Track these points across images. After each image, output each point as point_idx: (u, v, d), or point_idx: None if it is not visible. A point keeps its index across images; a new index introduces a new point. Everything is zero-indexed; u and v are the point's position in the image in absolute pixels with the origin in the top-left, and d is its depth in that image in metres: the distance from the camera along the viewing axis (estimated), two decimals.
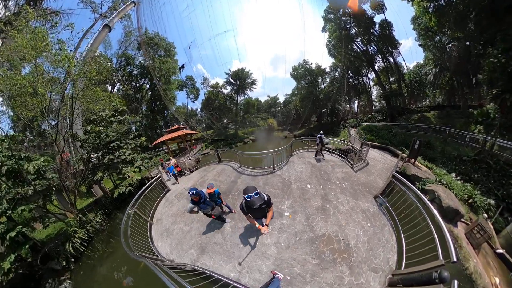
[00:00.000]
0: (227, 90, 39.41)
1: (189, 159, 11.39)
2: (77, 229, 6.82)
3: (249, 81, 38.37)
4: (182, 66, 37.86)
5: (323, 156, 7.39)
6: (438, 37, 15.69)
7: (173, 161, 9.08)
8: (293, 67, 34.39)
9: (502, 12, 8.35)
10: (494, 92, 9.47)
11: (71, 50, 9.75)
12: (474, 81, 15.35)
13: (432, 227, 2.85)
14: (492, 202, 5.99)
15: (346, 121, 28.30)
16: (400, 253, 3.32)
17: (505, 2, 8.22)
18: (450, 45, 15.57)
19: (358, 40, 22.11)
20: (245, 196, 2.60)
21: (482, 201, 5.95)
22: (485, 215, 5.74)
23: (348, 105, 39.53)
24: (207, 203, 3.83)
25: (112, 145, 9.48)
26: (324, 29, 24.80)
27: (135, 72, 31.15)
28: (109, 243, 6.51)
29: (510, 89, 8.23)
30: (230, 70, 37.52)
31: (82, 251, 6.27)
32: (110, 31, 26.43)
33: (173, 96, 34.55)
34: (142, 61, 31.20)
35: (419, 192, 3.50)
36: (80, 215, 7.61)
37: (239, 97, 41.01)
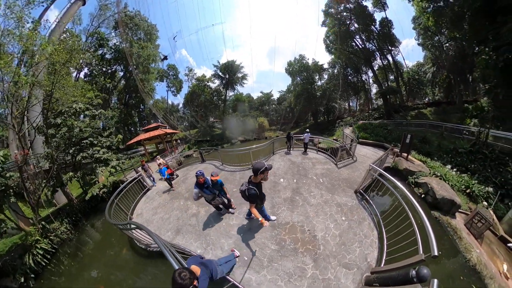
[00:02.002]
0: (214, 84, 38.25)
1: (170, 161, 11.55)
2: (39, 238, 6.48)
3: (240, 75, 37.91)
4: (165, 58, 36.26)
5: (289, 150, 8.54)
6: (437, 37, 17.59)
7: (161, 160, 8.67)
8: (288, 62, 35.12)
9: (494, 13, 9.55)
10: (487, 87, 10.99)
11: (32, 22, 9.26)
12: (469, 78, 17.52)
13: (412, 218, 2.90)
14: (491, 189, 6.55)
15: (342, 119, 29.51)
16: (382, 249, 3.36)
17: (497, 4, 9.43)
18: (447, 44, 17.69)
19: (357, 37, 23.40)
20: (266, 166, 2.61)
21: (481, 189, 6.46)
22: (485, 203, 6.15)
23: (346, 103, 40.98)
24: (210, 189, 4.06)
25: (85, 142, 9.06)
26: (323, 24, 25.77)
27: (108, 56, 27.66)
28: (76, 256, 6.28)
29: (501, 83, 9.58)
30: (219, 62, 36.81)
31: (44, 265, 5.88)
32: (84, 4, 23.99)
33: (152, 88, 32.15)
34: (117, 43, 27.96)
35: (397, 182, 3.63)
36: (43, 223, 7.25)
37: (228, 93, 39.91)
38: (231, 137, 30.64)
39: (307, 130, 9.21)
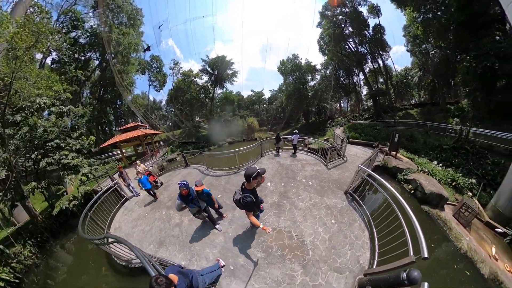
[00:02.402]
0: (202, 80, 37.32)
1: (150, 167, 11.05)
2: None
3: (230, 72, 37.61)
4: (148, 48, 33.59)
5: (279, 152, 8.77)
6: (424, 45, 20.25)
7: (141, 167, 7.90)
8: (281, 61, 36.00)
9: (476, 27, 11.49)
10: (467, 91, 13.22)
11: None
12: (452, 82, 20.31)
13: (401, 219, 2.95)
14: (474, 181, 7.67)
15: (333, 120, 30.82)
16: (374, 250, 3.45)
17: (479, 19, 11.31)
18: (433, 52, 20.31)
19: (351, 40, 25.58)
20: (259, 171, 2.57)
21: (465, 181, 7.52)
22: (470, 193, 7.10)
23: (337, 104, 42.80)
24: (195, 202, 3.86)
25: (50, 144, 8.01)
26: (319, 25, 27.60)
27: (82, 40, 24.34)
28: (45, 285, 5.60)
29: (480, 87, 11.54)
30: (208, 56, 36.17)
31: None
32: None
33: (131, 81, 29.65)
34: (94, 26, 24.69)
35: (385, 182, 3.75)
36: (1, 247, 6.36)
37: (216, 90, 39.06)
38: (218, 138, 30.11)
39: (296, 131, 9.52)
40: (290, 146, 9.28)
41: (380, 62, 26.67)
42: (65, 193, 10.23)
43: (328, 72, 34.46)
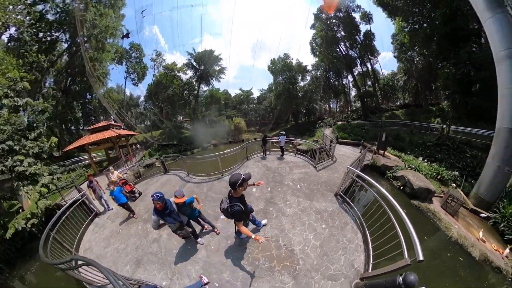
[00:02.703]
0: (186, 75, 35.98)
1: (125, 174, 10.47)
2: None
3: (217, 68, 36.91)
4: (127, 35, 30.38)
5: (265, 155, 8.81)
6: (409, 52, 23.39)
7: (115, 174, 7.25)
8: (272, 60, 36.51)
9: (456, 39, 13.64)
10: (447, 93, 15.81)
11: None
12: (433, 86, 23.50)
13: (394, 220, 3.01)
14: (456, 173, 8.80)
15: (322, 120, 32.25)
16: (368, 252, 3.50)
17: (459, 32, 13.48)
18: (417, 59, 23.48)
19: (342, 44, 27.80)
20: (244, 177, 2.53)
21: (448, 174, 8.57)
22: (454, 185, 8.16)
23: (326, 105, 44.57)
24: (174, 217, 3.48)
25: (0, 147, 7.03)
26: (312, 26, 29.28)
27: (50, 17, 20.75)
28: None
29: (458, 91, 13.77)
30: (194, 50, 34.96)
31: None
32: None
33: (105, 72, 26.89)
34: (67, 1, 21.32)
35: (374, 182, 3.86)
36: None
37: (201, 87, 37.97)
38: (202, 140, 29.20)
39: (283, 132, 9.73)
40: (278, 148, 9.33)
41: (369, 66, 29.49)
42: (20, 210, 8.71)
43: (318, 73, 36.28)
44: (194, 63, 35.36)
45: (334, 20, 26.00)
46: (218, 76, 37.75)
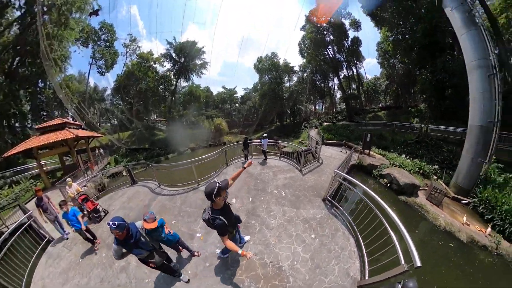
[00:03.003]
0: (163, 67, 33.65)
1: (85, 186, 9.65)
2: None
3: (199, 62, 35.60)
4: (96, 12, 25.75)
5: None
6: (392, 59, 27.16)
7: (74, 188, 6.34)
8: (259, 58, 36.87)
9: (433, 50, 16.58)
10: (424, 97, 19.02)
11: None
12: (412, 90, 27.62)
13: (387, 225, 3.06)
14: (436, 167, 10.52)
15: (308, 121, 33.81)
16: (363, 257, 3.53)
17: (437, 45, 16.54)
18: (399, 65, 27.33)
19: (330, 47, 30.51)
20: (220, 185, 2.42)
21: (429, 168, 10.06)
22: (435, 177, 9.70)
23: (312, 106, 46.36)
24: (142, 245, 2.90)
25: None
26: (303, 28, 31.37)
27: None
28: None
29: (434, 95, 16.72)
30: (175, 39, 32.96)
31: None
32: None
33: (65, 54, 23.34)
34: None
35: (362, 185, 3.96)
36: None
37: (180, 82, 36.27)
38: (179, 143, 27.59)
39: (265, 134, 9.74)
40: (261, 152, 9.24)
41: (354, 70, 32.93)
42: None
43: (305, 74, 38.49)
44: (174, 54, 33.32)
45: (324, 24, 28.33)
46: (200, 71, 36.33)
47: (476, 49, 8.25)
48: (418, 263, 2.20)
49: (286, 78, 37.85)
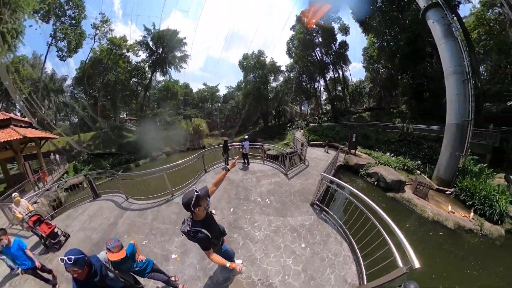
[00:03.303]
0: (138, 57, 31.13)
1: (36, 203, 8.75)
2: None
3: (179, 54, 33.82)
4: None
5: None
6: (376, 64, 30.62)
7: (22, 205, 5.41)
8: (244, 55, 37.09)
9: (415, 57, 19.14)
10: (405, 99, 22.49)
11: None
12: (393, 93, 31.15)
13: (380, 227, 3.11)
14: (419, 162, 12.05)
15: (293, 123, 34.94)
16: (359, 261, 3.54)
17: (418, 52, 19.05)
18: (382, 70, 30.62)
19: (318, 49, 32.78)
20: (198, 194, 2.27)
21: (413, 164, 11.49)
22: (418, 172, 11.07)
23: (298, 107, 47.75)
24: (111, 283, 2.43)
25: None
26: (293, 28, 33.25)
27: None
28: None
29: (414, 97, 19.57)
30: (154, 25, 30.85)
31: None
32: None
33: (18, 29, 20.09)
34: None
35: (350, 187, 4.08)
36: None
37: (156, 76, 34.21)
38: (152, 147, 25.81)
39: (246, 137, 9.77)
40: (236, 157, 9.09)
41: (340, 72, 36.02)
42: None
43: (292, 75, 40.13)
44: (151, 43, 31.02)
45: (314, 26, 30.51)
46: (179, 64, 34.45)
47: (453, 57, 9.86)
48: (417, 265, 2.25)
49: (272, 77, 38.75)
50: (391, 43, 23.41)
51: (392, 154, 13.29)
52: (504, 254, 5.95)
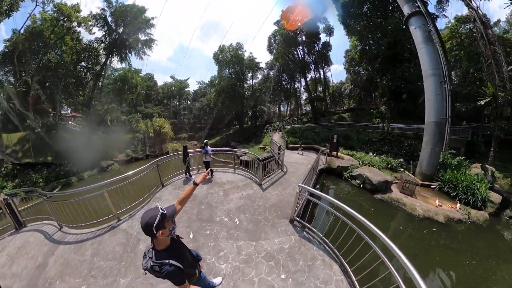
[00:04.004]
0: (91, 35, 27.25)
1: None
2: None
3: (144, 37, 30.68)
4: None
5: (190, 176, 8.24)
6: (357, 67, 34.61)
7: None
8: (221, 47, 36.47)
9: (394, 61, 22.78)
10: (384, 100, 25.60)
11: None
12: (373, 95, 35.65)
13: (375, 247, 2.98)
14: (401, 160, 14.10)
15: (271, 124, 35.42)
16: (354, 285, 3.42)
17: (397, 56, 22.86)
18: (363, 72, 34.71)
19: (300, 48, 34.47)
20: (163, 212, 2.09)
21: (396, 162, 12.86)
22: (402, 169, 12.54)
23: (276, 108, 48.59)
24: None
25: None
26: (277, 23, 35.13)
27: None
28: None
29: (393, 98, 22.90)
30: None
31: None
32: None
33: None
34: None
35: (335, 200, 3.82)
36: None
37: (112, 61, 30.62)
38: (101, 154, 23.18)
39: (206, 141, 9.27)
40: (215, 165, 8.59)
41: (322, 73, 38.82)
42: None
43: (271, 73, 41.20)
44: (110, 19, 27.56)
45: (299, 23, 32.19)
46: (142, 50, 31.40)
47: (432, 61, 11.49)
48: None
49: (250, 74, 38.77)
50: (373, 47, 26.98)
51: (374, 154, 14.64)
52: (491, 235, 7.36)
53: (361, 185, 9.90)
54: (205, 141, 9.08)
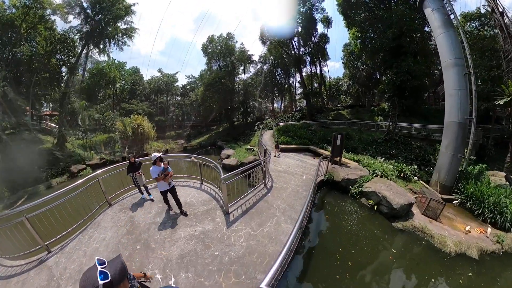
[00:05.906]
0: (67, 23, 24.58)
1: None
2: None
3: (124, 26, 28.02)
4: None
5: (148, 193, 6.40)
6: (356, 62, 32.67)
7: None
8: (210, 37, 34.17)
9: (398, 53, 20.72)
10: (388, 96, 23.76)
11: None
12: (372, 92, 34.10)
13: None
14: (415, 166, 11.19)
15: (263, 121, 32.76)
16: None
17: (401, 49, 20.42)
18: (362, 67, 32.75)
19: (296, 40, 31.93)
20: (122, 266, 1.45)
21: (409, 169, 10.21)
22: (415, 178, 9.88)
23: (270, 104, 46.08)
24: None
25: None
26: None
27: None
28: None
29: (397, 94, 20.77)
30: None
31: None
32: None
33: None
34: None
35: None
36: None
37: (90, 51, 28.83)
38: (72, 158, 20.90)
39: (156, 154, 6.43)
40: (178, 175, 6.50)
41: (318, 67, 36.26)
42: None
43: (265, 67, 38.84)
44: (86, 5, 25.03)
45: (295, 14, 29.87)
46: (123, 39, 28.92)
47: (453, 48, 9.55)
48: None
49: (242, 67, 36.40)
50: (375, 39, 24.97)
51: (383, 158, 12.37)
52: None
53: (375, 207, 7.18)
54: (154, 153, 5.15)
